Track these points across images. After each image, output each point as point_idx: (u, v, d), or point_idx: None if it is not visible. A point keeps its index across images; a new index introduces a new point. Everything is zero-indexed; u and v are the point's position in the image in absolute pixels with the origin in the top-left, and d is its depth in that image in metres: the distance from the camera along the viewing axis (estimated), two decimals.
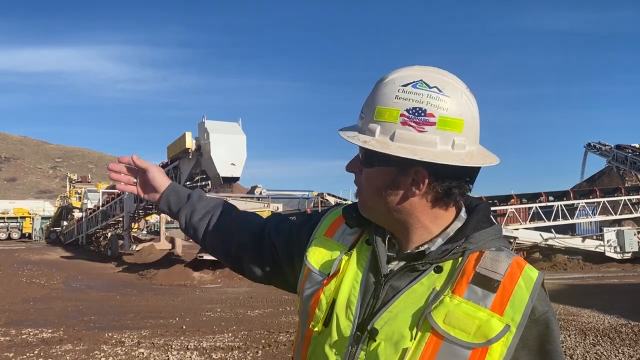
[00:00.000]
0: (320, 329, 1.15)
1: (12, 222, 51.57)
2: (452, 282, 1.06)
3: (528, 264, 1.11)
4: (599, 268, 21.58)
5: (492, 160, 1.12)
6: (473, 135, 1.10)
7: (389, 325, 1.06)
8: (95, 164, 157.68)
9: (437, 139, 1.05)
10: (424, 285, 1.08)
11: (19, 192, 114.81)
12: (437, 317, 1.03)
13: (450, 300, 1.04)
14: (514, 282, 1.05)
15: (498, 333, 1.00)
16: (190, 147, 21.19)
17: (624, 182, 39.54)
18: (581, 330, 9.41)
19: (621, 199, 27.59)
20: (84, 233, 36.88)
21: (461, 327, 1.01)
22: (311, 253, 1.24)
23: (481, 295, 1.03)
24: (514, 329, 1.01)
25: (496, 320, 1.01)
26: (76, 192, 48.01)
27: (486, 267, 1.06)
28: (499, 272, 1.05)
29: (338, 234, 1.25)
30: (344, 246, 1.21)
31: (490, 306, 1.02)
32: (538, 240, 24.03)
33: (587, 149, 50.08)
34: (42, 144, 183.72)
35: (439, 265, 1.09)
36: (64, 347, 8.48)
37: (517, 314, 1.02)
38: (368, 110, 1.11)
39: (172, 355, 7.94)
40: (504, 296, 1.03)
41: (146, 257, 27.25)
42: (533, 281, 1.06)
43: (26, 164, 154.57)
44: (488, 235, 1.12)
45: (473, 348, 1.00)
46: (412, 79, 1.07)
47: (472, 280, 1.05)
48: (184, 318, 11.12)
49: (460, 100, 1.08)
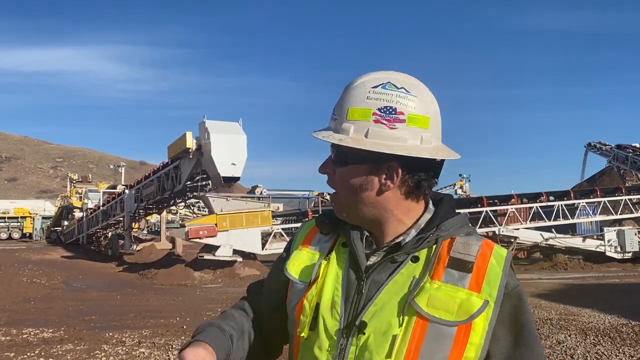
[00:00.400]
0: (307, 333, 1.18)
1: (12, 222, 51.58)
2: (430, 268, 1.13)
3: (496, 244, 1.19)
4: (599, 268, 21.58)
5: (455, 155, 1.21)
6: (437, 131, 1.19)
7: (377, 317, 1.12)
8: (96, 164, 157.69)
9: (407, 135, 1.14)
10: (404, 275, 1.14)
11: (20, 192, 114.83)
12: (420, 302, 1.09)
13: (431, 285, 1.11)
14: (486, 261, 1.13)
15: (479, 308, 1.08)
16: (191, 146, 21.19)
17: (624, 181, 39.50)
18: (582, 330, 9.41)
19: (622, 198, 27.58)
20: (84, 233, 36.89)
21: (444, 307, 1.08)
22: (290, 264, 1.28)
23: (458, 277, 1.11)
24: (492, 303, 1.10)
25: (475, 298, 1.09)
26: (77, 192, 48.09)
27: (459, 251, 1.14)
28: (472, 254, 1.13)
29: (314, 243, 1.30)
30: (322, 253, 1.26)
31: (468, 285, 1.10)
32: (539, 240, 24.03)
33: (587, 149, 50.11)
34: (43, 143, 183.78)
35: (415, 255, 1.16)
36: (64, 346, 8.49)
37: (494, 289, 1.10)
38: (340, 112, 1.18)
39: (173, 355, 7.93)
40: (479, 275, 1.11)
41: (147, 256, 27.27)
42: (504, 258, 1.15)
43: (27, 163, 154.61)
44: (456, 223, 1.20)
45: (458, 325, 1.08)
46: (380, 81, 1.16)
47: (448, 265, 1.13)
48: (184, 318, 11.13)
49: (426, 100, 1.17)
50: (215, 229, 19.38)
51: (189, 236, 19.38)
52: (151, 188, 26.82)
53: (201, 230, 19.37)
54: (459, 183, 42.88)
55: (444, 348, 1.08)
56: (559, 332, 9.25)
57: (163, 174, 25.34)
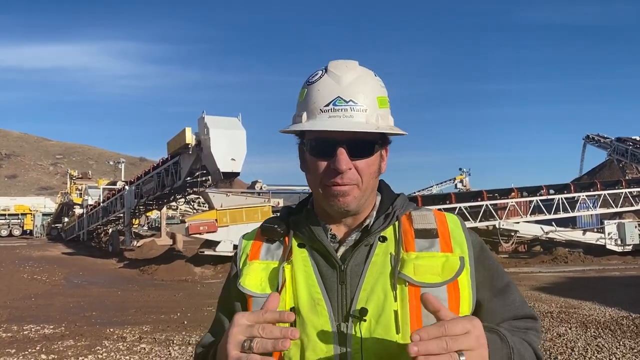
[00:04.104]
0: None
1: (13, 219, 51.70)
2: (401, 243, 1.17)
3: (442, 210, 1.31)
4: (599, 261, 21.58)
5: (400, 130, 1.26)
6: None
7: (371, 300, 1.11)
8: (95, 161, 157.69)
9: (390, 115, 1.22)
10: (379, 255, 1.16)
11: (20, 189, 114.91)
12: (408, 272, 1.12)
13: (408, 257, 1.15)
14: (445, 224, 1.21)
15: (459, 267, 1.14)
16: (191, 142, 21.18)
17: (624, 174, 39.51)
18: (582, 322, 9.42)
19: (622, 191, 27.55)
20: (85, 229, 36.95)
21: (430, 272, 1.12)
22: (244, 280, 1.19)
23: (428, 244, 1.17)
24: (467, 259, 1.16)
25: (452, 257, 1.15)
26: (77, 189, 48.07)
27: (419, 222, 1.20)
28: (431, 222, 1.20)
29: (263, 254, 1.23)
30: (276, 261, 1.19)
31: (440, 249, 1.16)
32: (539, 233, 24.04)
33: (585, 142, 50.00)
34: (43, 140, 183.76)
35: (382, 235, 1.19)
36: (65, 342, 8.50)
37: (464, 247, 1.18)
38: (377, 101, 1.18)
39: (174, 350, 7.95)
40: (445, 237, 1.18)
41: (147, 252, 27.30)
42: (457, 219, 1.25)
43: (27, 160, 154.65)
44: (404, 200, 1.26)
45: (447, 284, 1.12)
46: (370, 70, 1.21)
47: (416, 235, 1.18)
48: (185, 313, 11.14)
49: None
50: (216, 225, 19.39)
51: (189, 232, 19.40)
52: (151, 184, 26.83)
53: (201, 225, 19.39)
54: (459, 177, 42.87)
55: None
56: (559, 325, 9.27)
57: (163, 169, 25.33)
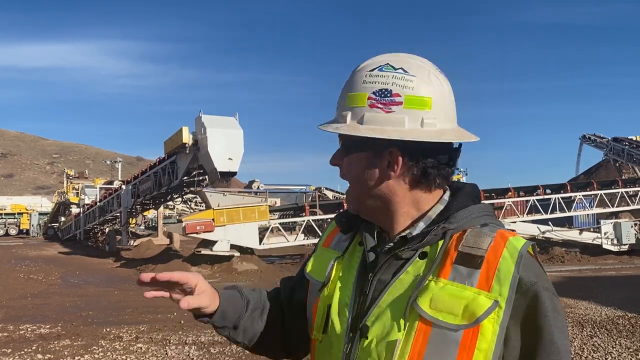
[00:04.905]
0: (320, 337, 1.14)
1: (9, 219, 51.51)
2: (436, 265, 1.02)
3: (515, 234, 1.06)
4: (596, 260, 21.63)
5: (468, 137, 1.10)
6: (444, 113, 1.09)
7: (379, 320, 1.04)
8: (92, 160, 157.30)
9: (405, 117, 1.05)
10: (409, 274, 1.05)
11: (16, 188, 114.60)
12: (422, 304, 0.99)
13: (436, 284, 1.01)
14: (498, 254, 1.00)
15: (486, 310, 0.96)
16: (187, 141, 21.17)
17: (621, 174, 39.69)
18: (578, 322, 9.44)
19: (618, 191, 27.66)
20: (81, 229, 36.86)
21: (448, 309, 0.98)
22: (309, 265, 1.25)
23: (466, 274, 1.00)
24: (503, 304, 0.97)
25: (484, 298, 0.97)
26: (73, 188, 47.93)
27: (469, 244, 1.03)
28: (482, 247, 1.01)
29: (334, 243, 1.24)
30: (338, 252, 1.20)
31: (477, 284, 0.99)
32: (535, 233, 24.05)
33: (582, 141, 50.08)
34: (39, 139, 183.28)
35: (424, 251, 1.06)
36: (62, 342, 8.48)
37: (505, 287, 0.97)
38: (341, 100, 1.13)
39: (171, 350, 7.94)
40: (490, 271, 0.99)
41: (144, 252, 27.23)
42: (517, 250, 1.01)
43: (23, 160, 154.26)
44: (471, 213, 1.08)
45: (463, 329, 0.97)
46: (379, 63, 1.09)
47: (456, 260, 1.02)
48: (181, 313, 11.11)
49: (427, 79, 1.07)
50: (213, 224, 19.37)
51: (186, 231, 19.37)
52: (148, 183, 26.79)
53: (198, 225, 19.36)
54: (456, 177, 42.32)
55: (449, 355, 0.97)
56: None
57: (160, 169, 25.30)
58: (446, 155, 1.09)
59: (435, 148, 1.07)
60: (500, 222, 1.12)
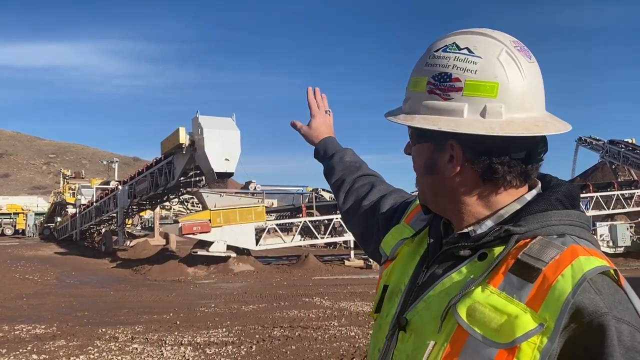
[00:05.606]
0: (375, 316, 1.10)
1: (5, 218, 51.39)
2: (490, 270, 0.89)
3: (594, 254, 0.87)
4: None
5: (537, 130, 0.93)
6: (515, 100, 0.93)
7: (420, 316, 0.96)
8: (89, 160, 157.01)
9: (464, 106, 0.93)
10: (462, 273, 0.94)
11: (12, 188, 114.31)
12: (461, 310, 0.89)
13: (482, 292, 0.88)
14: (558, 271, 0.84)
15: (527, 332, 0.82)
16: (184, 142, 21.16)
17: (617, 177, 39.74)
18: None
19: (614, 193, 27.75)
20: (77, 229, 36.75)
21: (485, 322, 0.86)
22: (386, 239, 1.20)
23: (517, 286, 0.86)
24: (550, 329, 0.81)
25: (529, 317, 0.83)
26: (70, 188, 47.78)
27: (531, 253, 0.88)
28: (544, 259, 0.86)
29: (414, 220, 1.17)
30: (413, 230, 1.13)
31: (526, 299, 0.84)
32: None
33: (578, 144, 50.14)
34: (36, 139, 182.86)
35: (484, 252, 0.93)
36: (57, 342, 8.46)
37: (553, 311, 0.82)
38: (408, 84, 1.04)
39: (166, 351, 7.93)
40: (543, 288, 0.84)
41: (140, 252, 27.18)
42: (583, 271, 0.83)
43: (19, 159, 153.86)
44: (549, 218, 0.92)
45: (499, 348, 0.83)
46: (445, 43, 0.97)
47: (512, 269, 0.88)
48: (178, 313, 11.12)
49: (495, 61, 0.93)
50: (209, 225, 19.36)
51: (182, 232, 19.36)
52: (144, 184, 26.75)
53: (195, 226, 19.34)
54: None
55: None
56: None
57: (156, 169, 25.27)
58: (523, 150, 0.94)
59: (506, 141, 0.92)
60: (593, 237, 0.95)
